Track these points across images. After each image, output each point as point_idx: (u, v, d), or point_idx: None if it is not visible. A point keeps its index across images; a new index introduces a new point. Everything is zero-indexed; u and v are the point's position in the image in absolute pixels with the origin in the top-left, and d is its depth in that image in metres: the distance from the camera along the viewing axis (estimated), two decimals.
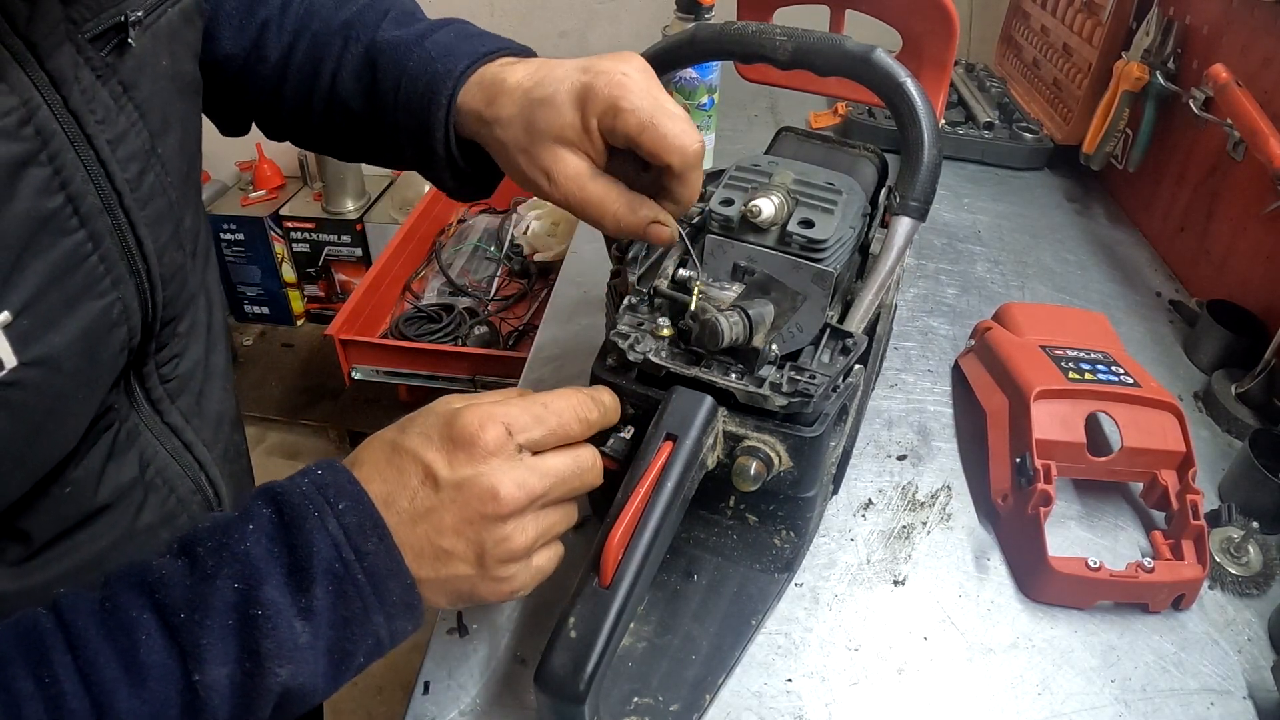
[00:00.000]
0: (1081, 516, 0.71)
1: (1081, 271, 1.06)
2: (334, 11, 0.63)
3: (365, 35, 0.60)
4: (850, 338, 0.55)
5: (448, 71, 0.56)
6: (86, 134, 0.43)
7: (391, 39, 0.59)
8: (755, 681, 0.58)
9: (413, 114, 0.57)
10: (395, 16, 0.61)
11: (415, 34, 0.59)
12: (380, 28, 0.60)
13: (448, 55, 0.57)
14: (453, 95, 0.56)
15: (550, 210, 2.02)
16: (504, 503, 0.43)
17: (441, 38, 0.58)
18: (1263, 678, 0.60)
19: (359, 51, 0.60)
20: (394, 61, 0.58)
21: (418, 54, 0.57)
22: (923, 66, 0.80)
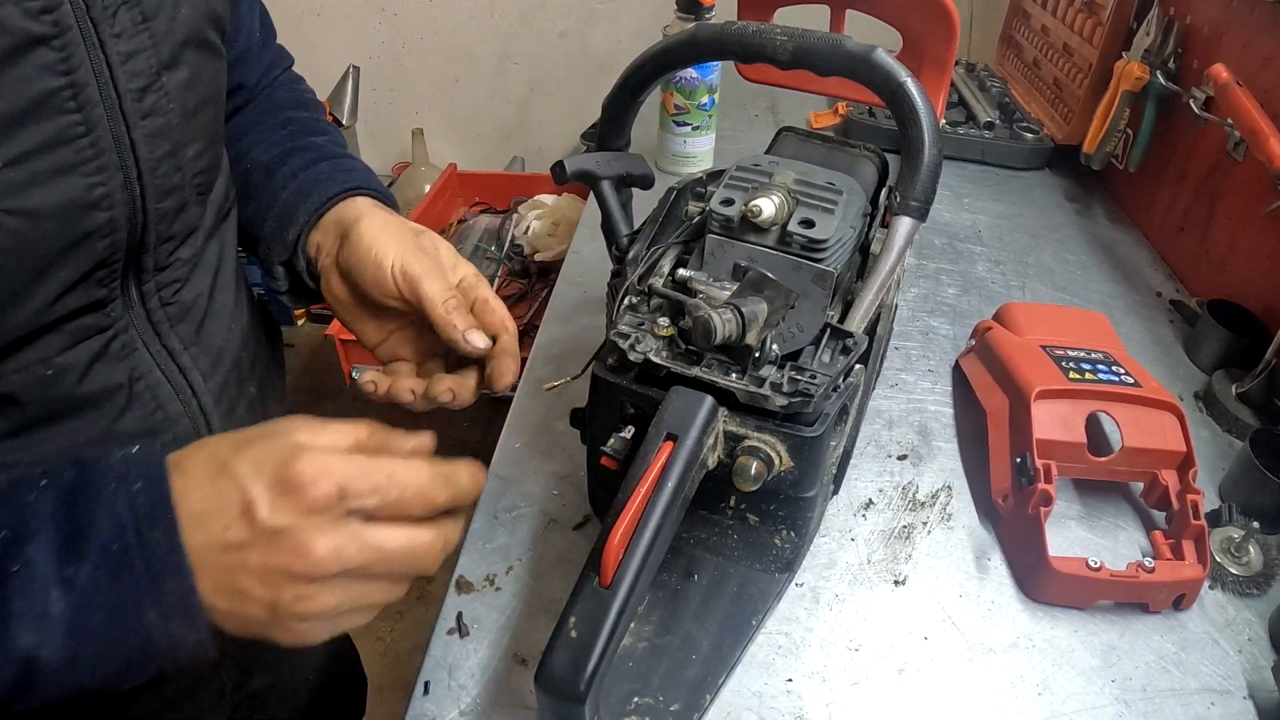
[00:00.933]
0: (1082, 516, 0.71)
1: (1082, 271, 1.06)
2: (287, 105, 0.74)
3: (298, 134, 0.70)
4: (851, 338, 0.55)
5: (343, 181, 0.65)
6: (100, 39, 0.46)
7: (311, 147, 0.69)
8: (756, 681, 0.58)
9: (293, 195, 0.65)
10: (330, 139, 0.71)
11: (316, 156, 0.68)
12: (310, 136, 0.70)
13: (323, 184, 0.65)
14: (333, 198, 0.64)
15: (551, 210, 2.02)
16: (314, 565, 0.40)
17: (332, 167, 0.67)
18: (1263, 678, 0.60)
19: (283, 139, 0.69)
20: (304, 160, 0.67)
21: (326, 166, 0.66)
22: (923, 66, 0.80)
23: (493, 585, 0.63)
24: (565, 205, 2.04)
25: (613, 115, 0.66)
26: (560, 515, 0.69)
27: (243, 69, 0.72)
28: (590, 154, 0.65)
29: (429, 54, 2.30)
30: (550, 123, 2.40)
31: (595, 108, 0.68)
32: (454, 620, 0.61)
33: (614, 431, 0.53)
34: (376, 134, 2.45)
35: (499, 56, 2.29)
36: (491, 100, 2.37)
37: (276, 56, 0.78)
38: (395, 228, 0.62)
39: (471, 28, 2.25)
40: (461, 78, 2.34)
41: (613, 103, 0.66)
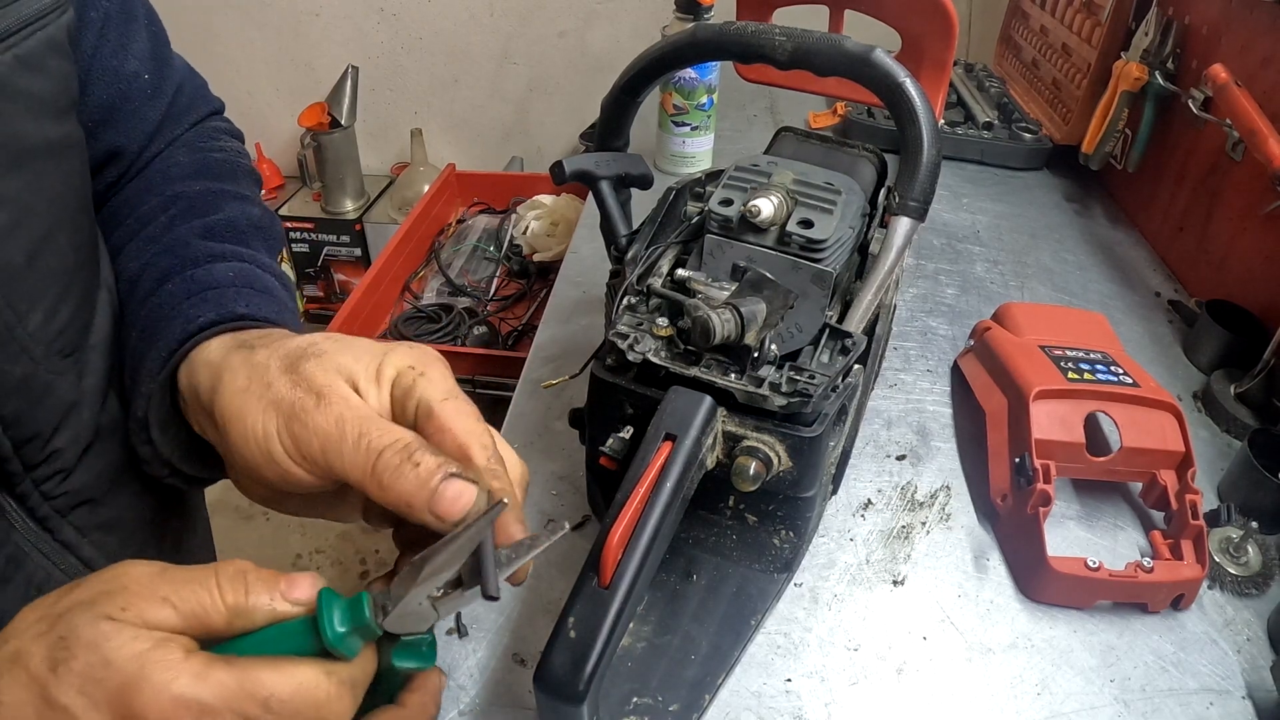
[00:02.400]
0: (1081, 516, 0.71)
1: (1081, 271, 1.06)
2: (181, 175, 0.55)
3: (177, 222, 0.52)
4: (849, 338, 0.55)
5: (186, 319, 0.46)
6: None
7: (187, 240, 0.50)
8: (754, 681, 0.58)
9: (137, 341, 0.48)
10: (210, 224, 0.52)
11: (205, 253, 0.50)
12: (189, 220, 0.52)
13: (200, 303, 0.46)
14: (175, 352, 0.45)
15: (550, 210, 2.02)
16: None
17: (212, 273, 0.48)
18: (1262, 677, 0.60)
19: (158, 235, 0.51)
20: (158, 274, 0.49)
21: (175, 284, 0.48)
22: (922, 66, 0.80)
23: None
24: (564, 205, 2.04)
25: (612, 115, 0.66)
26: (559, 515, 0.69)
27: (115, 129, 0.54)
28: (589, 154, 0.65)
29: (428, 54, 2.30)
30: (549, 123, 2.40)
31: (594, 108, 0.68)
32: (453, 620, 0.61)
33: (613, 431, 0.53)
34: (375, 134, 2.45)
35: (498, 56, 2.29)
36: (490, 100, 2.37)
37: (182, 104, 0.59)
38: (261, 374, 0.40)
39: (470, 28, 2.25)
40: (460, 78, 2.34)
41: (612, 103, 0.66)
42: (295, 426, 0.38)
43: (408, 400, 0.40)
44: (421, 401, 0.40)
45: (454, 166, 2.28)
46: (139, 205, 0.54)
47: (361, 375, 0.40)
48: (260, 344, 0.43)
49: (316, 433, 0.38)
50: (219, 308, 0.46)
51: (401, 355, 0.42)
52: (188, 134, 0.59)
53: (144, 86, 0.55)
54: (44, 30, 0.43)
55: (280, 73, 2.37)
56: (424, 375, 0.41)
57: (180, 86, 0.59)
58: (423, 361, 0.42)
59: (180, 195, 0.54)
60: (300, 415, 0.38)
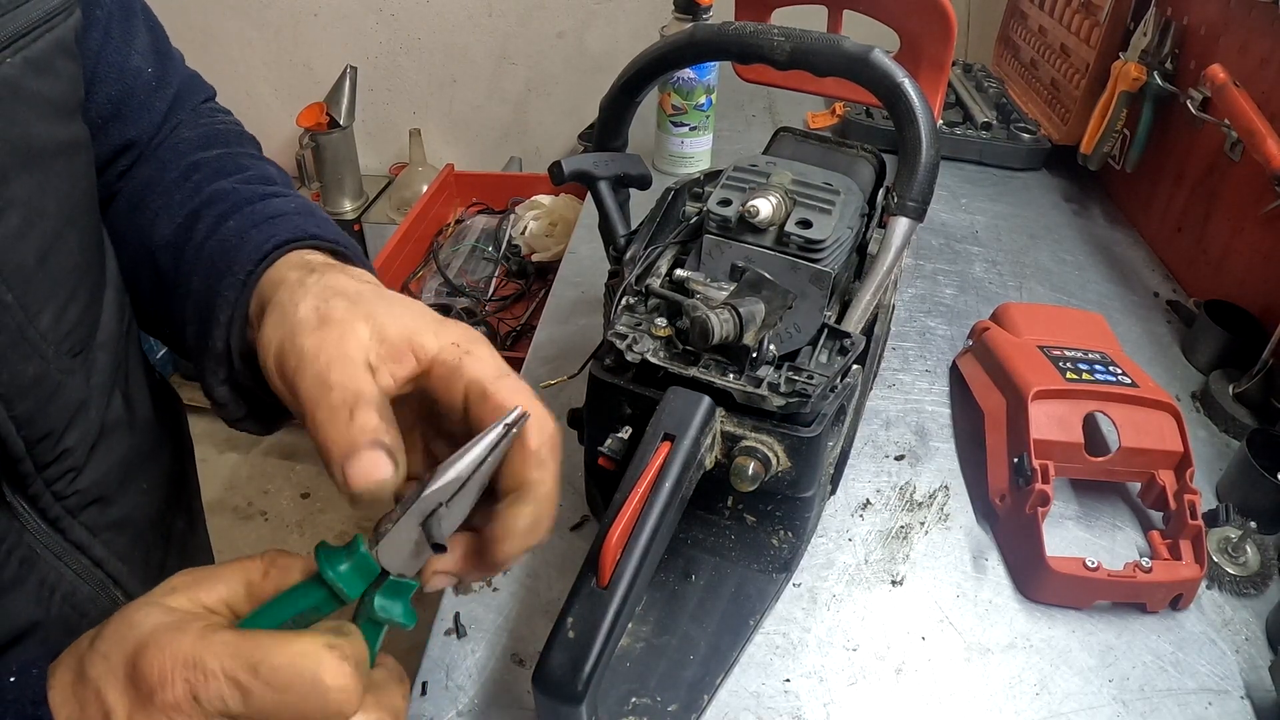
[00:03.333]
0: (1079, 516, 0.71)
1: (1079, 272, 1.07)
2: (191, 148, 0.55)
3: (206, 183, 0.51)
4: (848, 338, 0.55)
5: (262, 241, 0.45)
6: None
7: (226, 190, 0.50)
8: (753, 681, 0.58)
9: (206, 279, 0.47)
10: (245, 178, 0.52)
11: (255, 194, 0.49)
12: (219, 180, 0.51)
13: (270, 225, 0.46)
14: (252, 273, 0.44)
15: (548, 210, 2.02)
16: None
17: (280, 205, 0.49)
18: (1260, 677, 0.60)
19: (187, 198, 0.51)
20: (211, 221, 0.48)
21: (237, 220, 0.47)
22: (920, 67, 0.80)
23: (490, 585, 0.63)
24: (563, 205, 2.04)
25: (610, 115, 0.66)
26: (558, 515, 0.69)
27: (125, 122, 0.54)
28: (588, 154, 0.65)
29: (426, 54, 2.30)
30: (548, 123, 2.40)
31: (593, 108, 0.68)
32: (451, 621, 0.61)
33: (611, 432, 0.53)
34: (374, 134, 2.45)
35: (496, 57, 2.29)
36: (489, 100, 2.37)
37: (184, 94, 0.59)
38: (299, 295, 0.41)
39: (469, 28, 2.25)
40: (459, 78, 2.34)
41: (610, 103, 0.66)
42: (286, 341, 0.38)
43: (454, 379, 0.39)
44: (473, 382, 0.38)
45: (452, 167, 2.28)
46: (158, 183, 0.53)
47: (394, 335, 0.39)
48: (321, 270, 0.43)
49: (296, 351, 0.38)
50: (290, 230, 0.46)
51: (449, 330, 0.40)
52: (188, 116, 0.60)
53: (149, 80, 0.55)
54: (52, 32, 0.44)
55: (279, 73, 2.37)
56: (470, 354, 0.39)
57: (180, 79, 0.60)
58: (469, 339, 0.40)
59: (200, 162, 0.54)
60: (295, 333, 0.38)
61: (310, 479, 2.13)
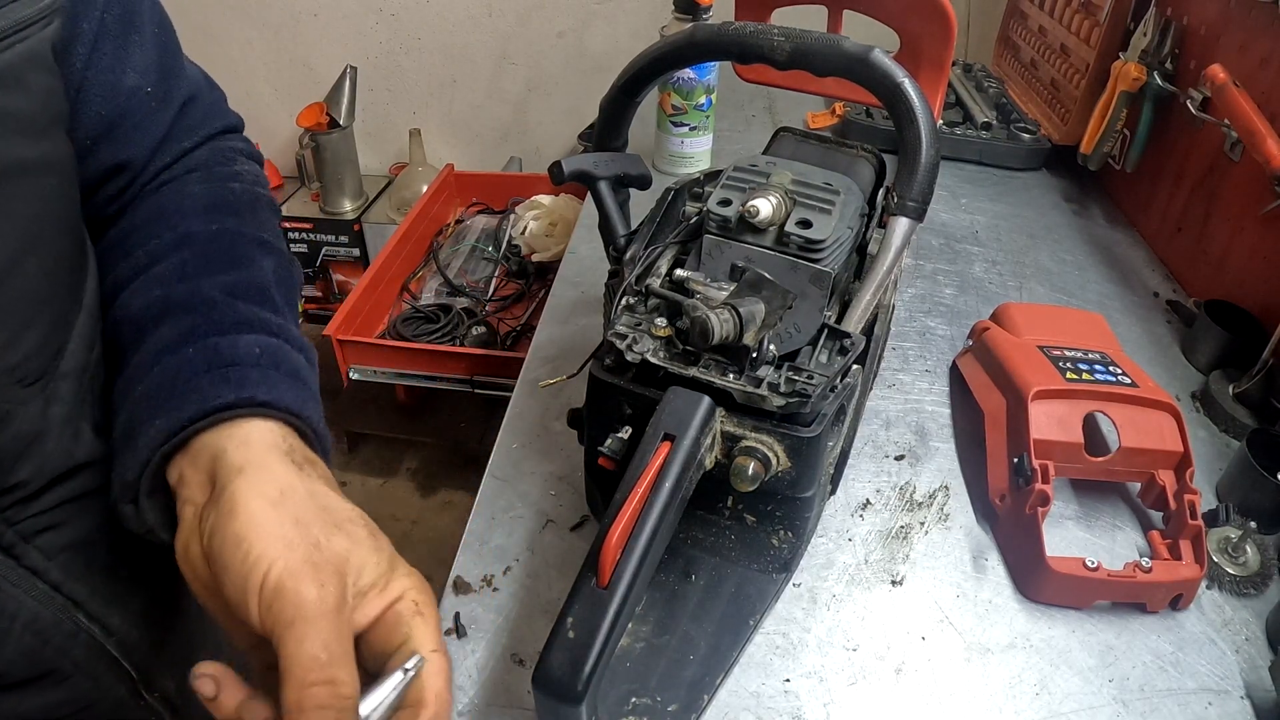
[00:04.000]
0: (1079, 516, 0.71)
1: (1079, 272, 1.07)
2: (193, 208, 0.52)
3: (191, 270, 0.48)
4: (848, 338, 0.55)
5: (204, 397, 0.43)
6: None
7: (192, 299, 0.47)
8: (753, 681, 0.58)
9: (145, 399, 0.44)
10: (232, 282, 0.48)
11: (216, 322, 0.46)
12: (204, 277, 0.48)
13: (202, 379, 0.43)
14: (186, 428, 0.42)
15: (548, 210, 2.02)
16: None
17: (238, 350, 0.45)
18: (1260, 677, 0.60)
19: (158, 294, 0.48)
20: (178, 332, 0.46)
21: (195, 351, 0.45)
22: (920, 67, 0.80)
23: (490, 586, 0.63)
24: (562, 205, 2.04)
25: (610, 115, 0.66)
26: (557, 516, 0.69)
27: (116, 144, 0.51)
28: (588, 154, 0.65)
29: (426, 54, 2.30)
30: (548, 123, 2.40)
31: (593, 108, 0.68)
32: (451, 621, 0.61)
33: (611, 432, 0.53)
34: (374, 134, 2.45)
35: (496, 57, 2.29)
36: (489, 100, 2.37)
37: (193, 116, 0.55)
38: (297, 509, 0.39)
39: (469, 28, 2.25)
40: (459, 78, 2.34)
41: (610, 103, 0.66)
42: (287, 581, 0.36)
43: (398, 626, 0.39)
44: (410, 642, 0.39)
45: (452, 167, 2.28)
46: (148, 239, 0.51)
47: (368, 579, 0.39)
48: (306, 467, 0.42)
49: (296, 603, 0.36)
50: (239, 389, 0.43)
51: (408, 578, 0.41)
52: (200, 152, 0.56)
53: (146, 100, 0.52)
54: (24, 43, 0.41)
55: (279, 73, 2.37)
56: (421, 615, 0.40)
57: (192, 98, 0.56)
58: (425, 598, 0.41)
59: (194, 235, 0.50)
60: (299, 578, 0.36)
61: None
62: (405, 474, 2.16)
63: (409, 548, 1.98)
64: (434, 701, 0.38)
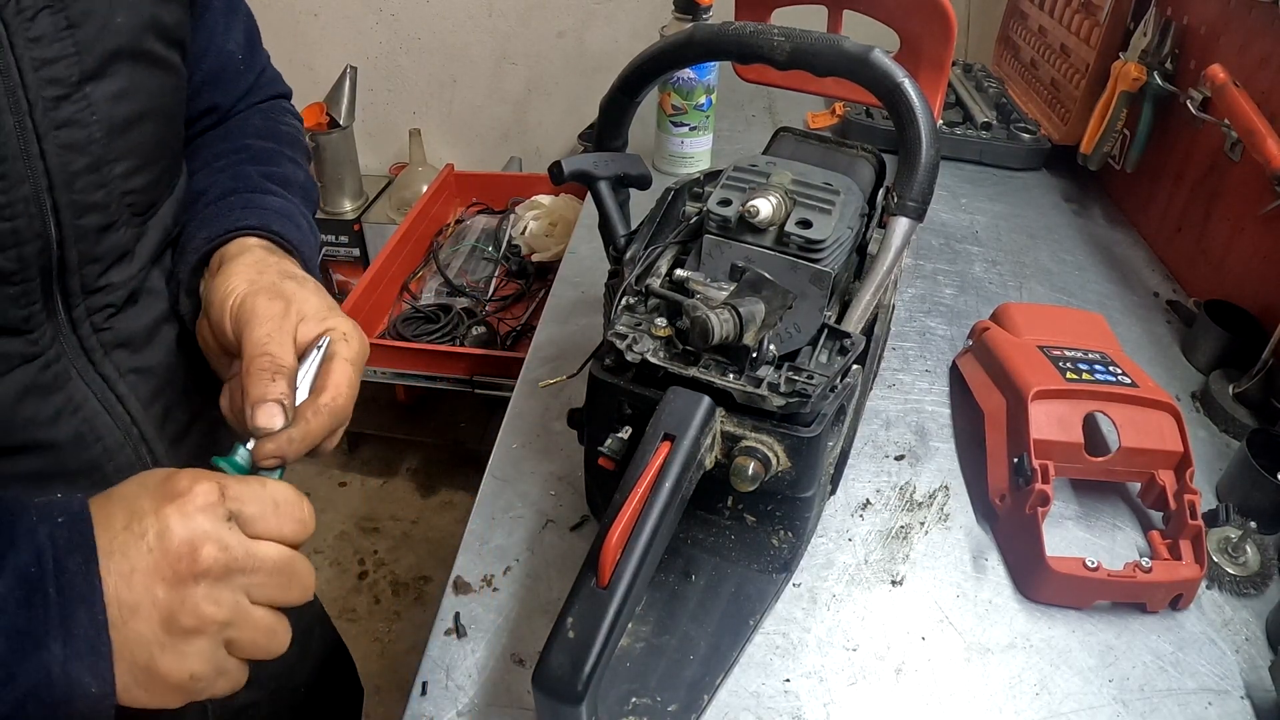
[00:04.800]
0: (1079, 516, 0.71)
1: (1079, 272, 1.07)
2: (252, 132, 0.70)
3: (244, 162, 0.66)
4: (848, 338, 0.55)
5: (237, 219, 0.60)
6: (12, 42, 0.45)
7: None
8: (753, 681, 0.58)
9: (195, 225, 0.62)
10: (268, 171, 0.66)
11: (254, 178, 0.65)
12: (253, 165, 0.66)
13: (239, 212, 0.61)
14: (218, 238, 0.59)
15: (548, 210, 2.02)
16: (200, 561, 0.40)
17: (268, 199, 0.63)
18: (1260, 677, 0.60)
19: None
20: (223, 190, 0.63)
21: (236, 199, 0.62)
22: (920, 67, 0.80)
23: (490, 586, 0.63)
24: (563, 205, 2.04)
25: (610, 116, 0.66)
26: (558, 516, 0.69)
27: (215, 90, 0.68)
28: (588, 154, 0.65)
29: (426, 54, 2.30)
30: (548, 123, 2.40)
31: (593, 108, 0.68)
32: (451, 621, 0.61)
33: (611, 432, 0.53)
34: (374, 134, 2.45)
35: (497, 57, 2.29)
36: (489, 100, 2.37)
37: (264, 81, 0.74)
38: (263, 268, 0.56)
39: (469, 28, 2.25)
40: (459, 78, 2.34)
41: (610, 103, 0.66)
42: (248, 298, 0.52)
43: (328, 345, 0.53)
44: (333, 355, 0.52)
45: (452, 167, 2.28)
46: (216, 145, 0.68)
47: (310, 311, 0.53)
48: (280, 255, 0.59)
49: (250, 309, 0.51)
50: (260, 218, 0.60)
51: (341, 320, 0.54)
52: (264, 104, 0.73)
53: (238, 62, 0.69)
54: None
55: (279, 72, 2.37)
56: (345, 340, 0.53)
57: (264, 69, 0.74)
58: (351, 330, 0.54)
59: (249, 146, 0.68)
60: (256, 294, 0.52)
61: (310, 479, 2.13)
62: (405, 474, 2.16)
63: (409, 548, 1.98)
64: (335, 389, 0.51)
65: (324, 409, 0.50)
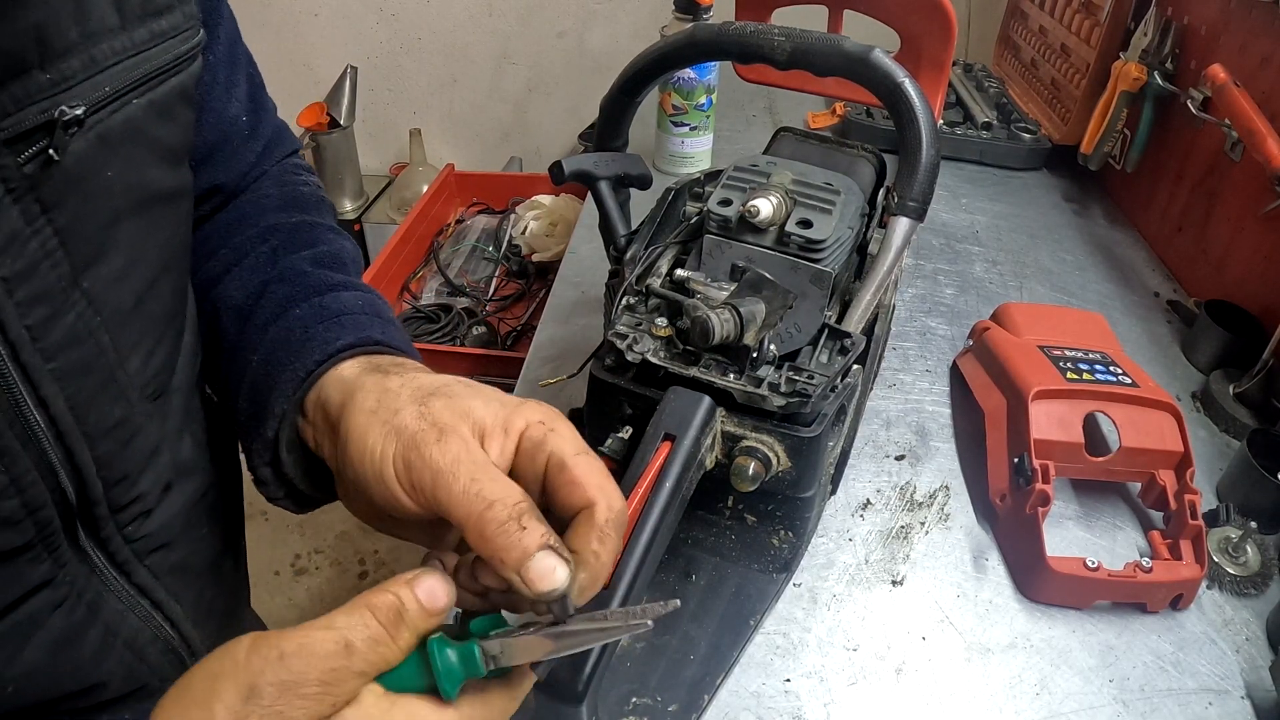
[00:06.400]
0: (1080, 516, 0.71)
1: (1079, 272, 1.07)
2: (272, 206, 0.56)
3: (281, 252, 0.53)
4: (848, 338, 0.55)
5: (327, 341, 0.46)
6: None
7: (299, 271, 0.51)
8: (754, 681, 0.58)
9: (265, 364, 0.48)
10: (318, 255, 0.53)
11: (323, 283, 0.50)
12: (294, 252, 0.53)
13: (333, 323, 0.47)
14: (313, 372, 0.45)
15: (549, 210, 2.02)
16: None
17: (344, 299, 0.50)
18: (1260, 677, 0.60)
19: (260, 265, 0.53)
20: (279, 301, 0.49)
21: (303, 310, 0.49)
22: (921, 67, 0.80)
23: None
24: (563, 205, 2.04)
25: (611, 115, 0.66)
26: None
27: (217, 167, 0.55)
28: (588, 154, 0.65)
29: (427, 54, 2.30)
30: (548, 123, 2.40)
31: (593, 108, 0.68)
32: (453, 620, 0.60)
33: (612, 431, 0.53)
34: (374, 134, 2.45)
35: (497, 57, 2.29)
36: (489, 100, 2.37)
37: (273, 142, 0.60)
38: (389, 401, 0.41)
39: (469, 28, 2.25)
40: (459, 78, 2.34)
41: (611, 103, 0.66)
42: (412, 455, 0.38)
43: (538, 452, 0.39)
44: (554, 455, 0.39)
45: (453, 167, 2.28)
46: (233, 236, 0.54)
47: (489, 422, 0.40)
48: (394, 371, 0.44)
49: (430, 465, 0.38)
50: (356, 332, 0.47)
51: (532, 410, 0.41)
52: (273, 169, 0.60)
53: (243, 128, 0.56)
54: (177, 77, 0.43)
55: (279, 72, 2.36)
56: (554, 431, 0.40)
57: (274, 130, 0.61)
58: (552, 418, 0.41)
59: (277, 227, 0.55)
60: (419, 445, 0.38)
61: None
62: None
63: (410, 548, 1.98)
64: (599, 495, 0.38)
65: (607, 526, 0.37)
